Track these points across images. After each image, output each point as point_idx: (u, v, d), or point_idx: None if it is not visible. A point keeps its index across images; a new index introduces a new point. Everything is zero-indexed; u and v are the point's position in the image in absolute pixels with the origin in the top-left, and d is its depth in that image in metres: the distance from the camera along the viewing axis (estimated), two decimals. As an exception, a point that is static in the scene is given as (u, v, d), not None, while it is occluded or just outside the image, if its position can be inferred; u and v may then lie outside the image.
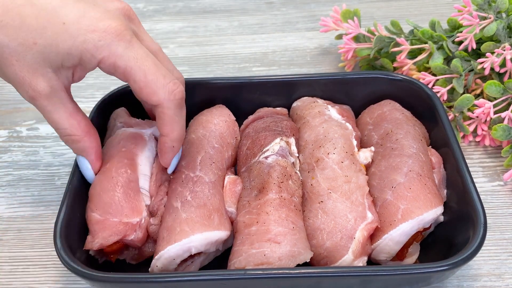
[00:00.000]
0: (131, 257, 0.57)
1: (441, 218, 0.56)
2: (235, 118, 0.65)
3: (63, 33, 0.49)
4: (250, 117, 0.65)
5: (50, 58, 0.50)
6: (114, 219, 0.53)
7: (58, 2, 0.50)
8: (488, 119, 0.67)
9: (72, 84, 0.54)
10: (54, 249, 0.58)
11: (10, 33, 0.49)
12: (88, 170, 0.56)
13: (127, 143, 0.58)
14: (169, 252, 0.52)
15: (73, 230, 0.54)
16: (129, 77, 0.51)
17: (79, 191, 0.56)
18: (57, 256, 0.56)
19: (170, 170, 0.57)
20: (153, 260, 0.52)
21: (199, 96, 0.67)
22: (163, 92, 0.51)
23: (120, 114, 0.63)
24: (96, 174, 0.57)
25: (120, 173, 0.55)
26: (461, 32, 0.72)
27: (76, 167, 0.57)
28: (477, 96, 0.71)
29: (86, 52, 0.49)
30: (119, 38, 0.49)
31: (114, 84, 0.64)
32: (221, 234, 0.53)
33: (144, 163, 0.58)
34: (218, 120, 0.63)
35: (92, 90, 0.81)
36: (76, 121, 0.54)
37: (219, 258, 0.57)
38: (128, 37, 0.50)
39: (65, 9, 0.49)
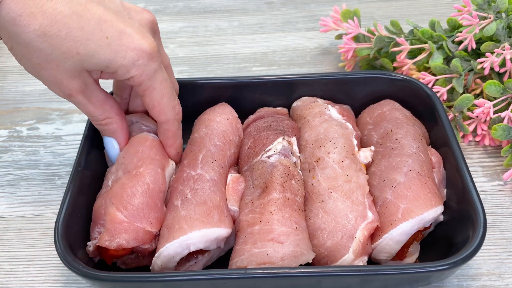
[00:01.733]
0: (122, 261, 0.56)
1: (441, 218, 0.56)
2: (237, 116, 0.65)
3: (106, 47, 0.51)
4: (251, 117, 0.65)
5: (89, 66, 0.52)
6: (139, 224, 0.53)
7: (101, 15, 0.51)
8: (487, 118, 0.67)
9: None
10: (54, 248, 0.58)
11: (55, 43, 0.50)
12: (115, 149, 0.60)
13: (159, 152, 0.59)
14: (167, 250, 0.52)
15: (73, 229, 0.54)
16: (147, 95, 0.55)
17: (80, 190, 0.56)
18: (57, 256, 0.56)
19: None
20: (153, 258, 0.53)
21: (199, 96, 0.67)
22: (172, 113, 0.57)
23: (148, 119, 0.63)
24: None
25: (153, 181, 0.56)
26: (461, 32, 0.72)
27: (76, 166, 0.58)
28: (477, 96, 0.71)
29: (123, 67, 0.52)
30: (153, 60, 0.53)
31: (114, 84, 0.64)
32: (221, 231, 0.53)
33: (168, 175, 0.59)
34: (220, 118, 0.63)
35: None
36: (108, 105, 0.58)
37: (222, 258, 0.57)
38: (158, 59, 0.54)
39: (108, 23, 0.51)
